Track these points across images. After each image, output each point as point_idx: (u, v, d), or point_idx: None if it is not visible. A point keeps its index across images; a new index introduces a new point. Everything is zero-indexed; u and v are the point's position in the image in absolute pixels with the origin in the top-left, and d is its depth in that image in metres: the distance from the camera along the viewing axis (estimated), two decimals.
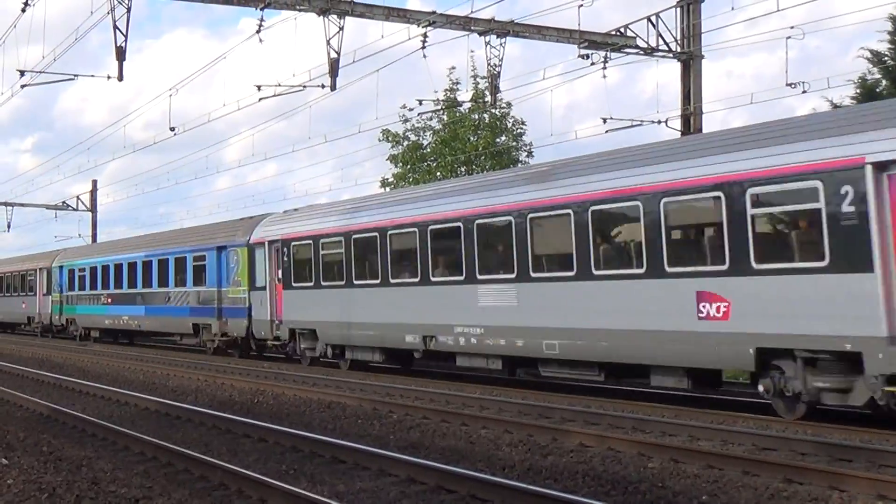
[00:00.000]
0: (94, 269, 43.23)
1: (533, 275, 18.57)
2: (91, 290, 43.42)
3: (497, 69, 25.07)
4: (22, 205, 60.92)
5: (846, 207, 13.09)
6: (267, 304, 27.98)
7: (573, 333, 17.59)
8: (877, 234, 12.75)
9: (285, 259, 27.02)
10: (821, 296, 13.37)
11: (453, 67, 38.18)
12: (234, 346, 32.10)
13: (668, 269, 15.68)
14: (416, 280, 21.66)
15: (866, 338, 12.84)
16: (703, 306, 15.05)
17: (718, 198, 14.84)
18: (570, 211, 17.58)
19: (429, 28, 23.75)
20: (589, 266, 17.13)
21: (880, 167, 12.80)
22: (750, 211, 14.38)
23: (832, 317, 13.24)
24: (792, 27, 22.09)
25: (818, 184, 13.43)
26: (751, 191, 14.37)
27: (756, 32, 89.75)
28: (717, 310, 14.85)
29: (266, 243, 28.04)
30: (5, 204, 59.64)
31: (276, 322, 27.72)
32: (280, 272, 27.34)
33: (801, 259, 13.81)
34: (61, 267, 47.20)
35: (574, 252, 17.42)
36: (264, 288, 28.11)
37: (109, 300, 41.19)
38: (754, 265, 14.31)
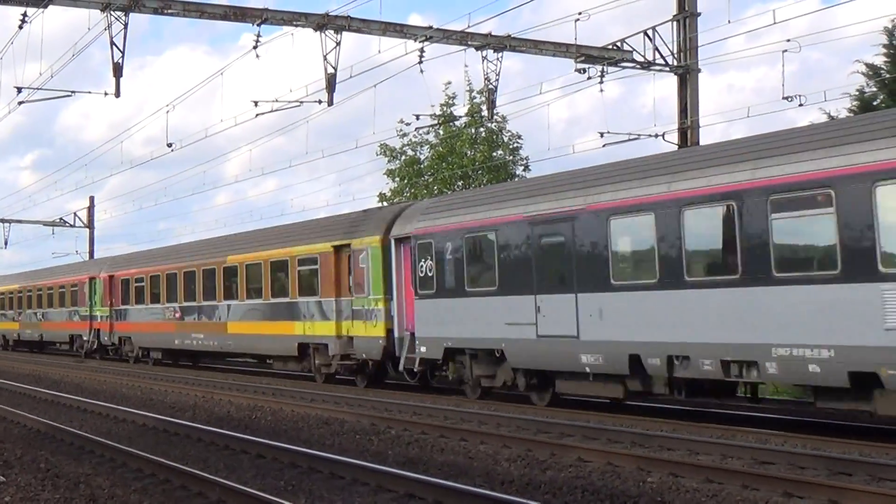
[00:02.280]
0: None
1: None
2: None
3: (494, 84, 25.10)
4: (19, 221, 60.97)
5: None
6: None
7: None
8: None
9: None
10: None
11: (450, 82, 38.26)
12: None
13: None
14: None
15: None
16: None
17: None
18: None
19: (426, 43, 23.78)
20: None
21: None
22: None
23: None
24: (788, 40, 22.08)
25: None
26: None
27: (754, 45, 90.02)
28: None
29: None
30: (2, 221, 59.63)
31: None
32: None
33: None
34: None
35: None
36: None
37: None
38: None
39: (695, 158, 16.90)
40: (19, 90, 25.80)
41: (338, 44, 23.28)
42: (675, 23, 24.91)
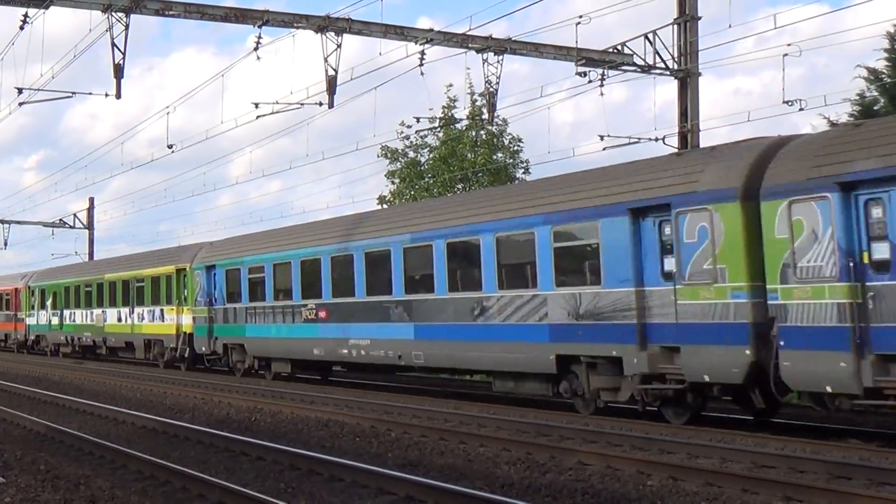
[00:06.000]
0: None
1: None
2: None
3: (494, 87, 25.09)
4: (18, 222, 60.93)
5: None
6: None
7: None
8: None
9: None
10: None
11: (451, 85, 38.30)
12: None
13: None
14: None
15: None
16: None
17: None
18: None
19: (426, 45, 23.76)
20: None
21: None
22: None
23: None
24: (789, 44, 22.11)
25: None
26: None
27: (756, 49, 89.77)
28: None
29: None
30: (2, 222, 59.54)
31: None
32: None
33: None
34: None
35: None
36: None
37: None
38: None
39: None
40: (20, 91, 25.80)
41: (339, 46, 23.25)
42: (675, 26, 24.92)
